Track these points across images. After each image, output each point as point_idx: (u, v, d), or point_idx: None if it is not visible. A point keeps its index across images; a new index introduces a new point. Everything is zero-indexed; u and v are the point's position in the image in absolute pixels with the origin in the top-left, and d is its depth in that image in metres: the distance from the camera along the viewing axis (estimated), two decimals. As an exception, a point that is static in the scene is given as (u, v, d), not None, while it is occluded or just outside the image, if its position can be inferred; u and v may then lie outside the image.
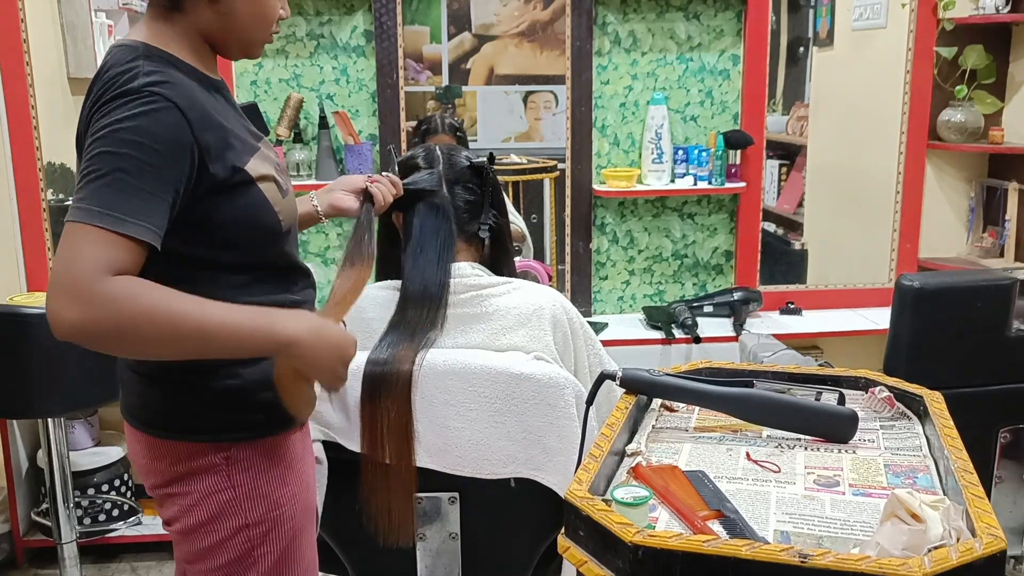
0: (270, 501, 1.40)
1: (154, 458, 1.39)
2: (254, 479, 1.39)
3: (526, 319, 1.66)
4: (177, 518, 1.40)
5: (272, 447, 1.41)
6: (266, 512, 1.40)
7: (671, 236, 3.30)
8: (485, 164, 1.76)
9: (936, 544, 1.00)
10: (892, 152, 3.29)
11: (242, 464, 1.38)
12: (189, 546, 1.41)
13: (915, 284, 2.14)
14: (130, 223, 1.17)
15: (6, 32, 2.80)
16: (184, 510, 1.39)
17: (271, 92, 3.10)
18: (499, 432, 1.57)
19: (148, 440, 1.39)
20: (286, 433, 1.43)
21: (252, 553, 1.40)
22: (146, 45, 1.31)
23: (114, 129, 1.20)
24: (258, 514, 1.39)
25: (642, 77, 3.18)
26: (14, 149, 2.86)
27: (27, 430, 2.94)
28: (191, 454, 1.36)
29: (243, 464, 1.38)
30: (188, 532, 1.40)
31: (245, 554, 1.40)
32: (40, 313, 2.31)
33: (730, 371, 1.59)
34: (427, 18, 3.16)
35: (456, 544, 1.65)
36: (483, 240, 1.77)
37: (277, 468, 1.41)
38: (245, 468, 1.38)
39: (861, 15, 3.50)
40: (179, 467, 1.37)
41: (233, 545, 1.39)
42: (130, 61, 1.26)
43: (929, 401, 1.44)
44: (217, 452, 1.37)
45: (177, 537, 1.43)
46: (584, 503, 1.11)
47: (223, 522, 1.38)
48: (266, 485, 1.40)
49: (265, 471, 1.40)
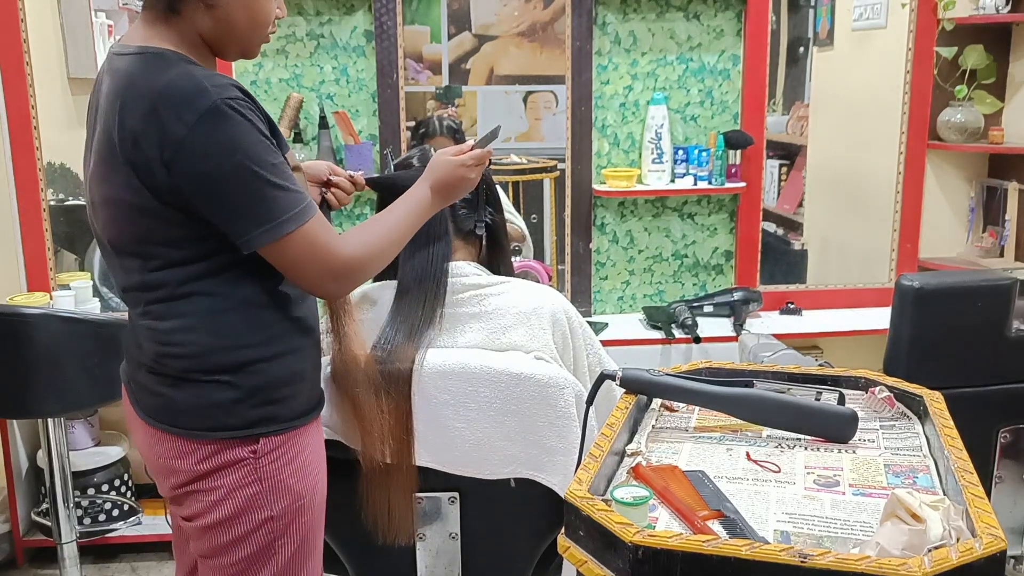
0: (294, 493, 1.44)
1: (179, 457, 1.41)
2: (279, 471, 1.42)
3: (525, 318, 1.66)
4: (201, 514, 1.42)
5: (296, 440, 1.45)
6: (290, 504, 1.43)
7: (671, 236, 3.30)
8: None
9: (936, 544, 1.00)
10: (892, 152, 3.28)
11: (269, 457, 1.42)
12: (210, 541, 1.44)
13: (915, 284, 2.14)
14: (311, 201, 1.38)
15: (6, 32, 2.80)
16: (209, 506, 1.41)
17: (271, 92, 3.10)
18: (499, 432, 1.57)
19: (172, 440, 1.41)
20: (306, 426, 1.47)
21: (273, 545, 1.43)
22: (175, 52, 1.35)
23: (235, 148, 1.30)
24: (282, 506, 1.43)
25: (642, 77, 3.18)
26: (14, 149, 2.86)
27: (27, 430, 2.94)
28: (219, 450, 1.40)
29: (270, 457, 1.42)
30: (212, 527, 1.42)
31: (266, 546, 1.43)
32: (40, 313, 2.32)
33: (730, 371, 1.59)
34: (427, 18, 3.16)
35: (456, 544, 1.65)
36: (480, 238, 1.77)
37: (299, 461, 1.45)
38: (271, 461, 1.42)
39: (861, 15, 3.50)
40: (206, 464, 1.40)
41: (256, 538, 1.42)
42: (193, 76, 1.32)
43: (929, 401, 1.44)
44: (245, 446, 1.40)
45: (198, 532, 1.45)
46: (584, 503, 1.11)
47: (249, 516, 1.41)
48: (290, 477, 1.43)
49: (289, 463, 1.43)
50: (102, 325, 2.28)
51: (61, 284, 2.94)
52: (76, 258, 3.20)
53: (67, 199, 3.13)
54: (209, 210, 1.31)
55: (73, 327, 2.27)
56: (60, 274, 3.01)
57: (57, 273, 3.00)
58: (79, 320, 2.29)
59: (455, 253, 1.72)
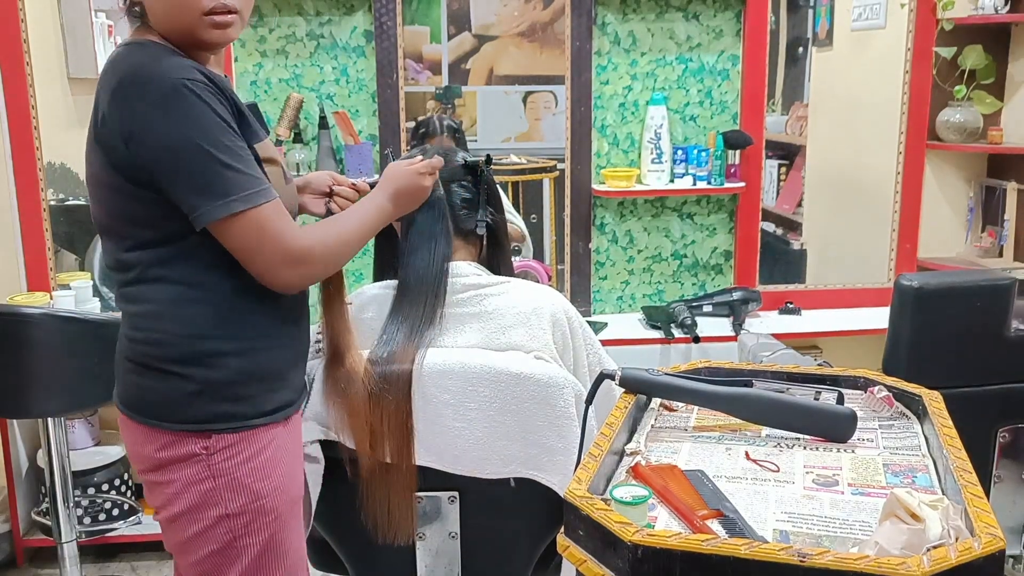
0: (251, 492, 1.43)
1: (141, 444, 1.44)
2: (234, 470, 1.42)
3: (525, 318, 1.66)
4: (163, 506, 1.45)
5: (253, 439, 1.44)
6: (247, 503, 1.43)
7: (670, 236, 3.30)
8: (480, 162, 1.77)
9: (935, 543, 1.00)
10: (891, 152, 3.29)
11: (222, 454, 1.41)
12: (174, 535, 1.46)
13: (914, 284, 2.14)
14: (270, 189, 1.37)
15: (6, 32, 2.80)
16: (169, 498, 1.43)
17: (271, 92, 3.10)
18: (499, 431, 1.58)
19: (136, 427, 1.44)
20: (268, 426, 1.45)
21: (235, 544, 1.43)
22: (154, 42, 1.39)
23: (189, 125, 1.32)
24: (238, 505, 1.42)
25: (641, 77, 3.18)
26: (14, 149, 2.87)
27: (27, 430, 2.95)
28: (173, 442, 1.41)
29: (223, 454, 1.41)
30: (172, 520, 1.45)
31: (228, 545, 1.43)
32: (40, 313, 2.32)
33: (729, 371, 1.59)
34: (427, 18, 3.16)
35: (456, 543, 1.66)
36: (480, 238, 1.77)
37: (258, 460, 1.44)
38: (226, 458, 1.42)
39: (860, 15, 3.50)
40: (163, 454, 1.41)
41: (216, 535, 1.43)
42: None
43: (928, 400, 1.44)
44: (198, 441, 1.41)
45: (164, 525, 1.48)
46: (583, 502, 1.12)
47: (205, 511, 1.42)
48: (247, 477, 1.43)
49: (245, 462, 1.43)
50: (102, 325, 2.28)
51: (61, 284, 2.95)
52: (76, 258, 3.20)
53: (67, 199, 3.13)
54: (164, 186, 1.34)
55: (73, 327, 2.27)
56: (60, 274, 3.02)
57: (57, 273, 3.00)
58: (79, 320, 2.29)
59: (455, 253, 1.72)
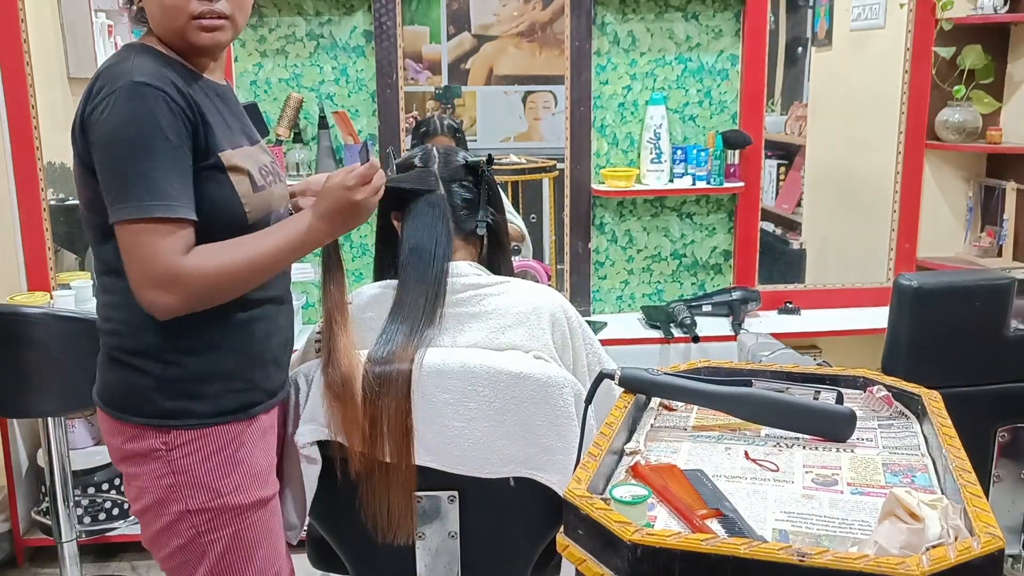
0: (211, 490, 1.45)
1: (111, 435, 1.47)
2: (194, 467, 1.44)
3: (525, 318, 1.67)
4: (135, 499, 1.48)
5: (213, 437, 1.45)
6: (207, 500, 1.45)
7: (670, 236, 3.30)
8: (480, 162, 1.77)
9: (934, 543, 1.00)
10: (890, 152, 3.29)
11: (182, 451, 1.43)
12: (145, 529, 1.50)
13: (913, 283, 2.14)
14: (176, 206, 1.32)
15: (6, 32, 2.80)
16: (138, 491, 1.46)
17: (271, 92, 3.10)
18: (498, 431, 1.58)
19: (104, 417, 1.47)
20: (230, 424, 1.47)
21: (199, 540, 1.46)
22: (145, 45, 1.42)
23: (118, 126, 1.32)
24: (199, 502, 1.44)
25: (641, 77, 3.18)
26: (14, 149, 2.87)
27: (27, 430, 2.95)
28: (136, 435, 1.43)
29: (183, 451, 1.43)
30: (141, 514, 1.48)
31: (192, 540, 1.46)
32: (40, 313, 2.32)
33: (728, 370, 1.59)
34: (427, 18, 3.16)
35: (455, 543, 1.66)
36: (481, 238, 1.77)
37: (218, 458, 1.45)
38: (185, 455, 1.43)
39: (859, 15, 3.51)
40: (128, 446, 1.44)
41: (180, 530, 1.45)
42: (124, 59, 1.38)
43: (927, 400, 1.44)
44: (158, 436, 1.43)
45: (137, 519, 1.51)
46: (583, 502, 1.12)
47: (167, 507, 1.45)
48: (206, 475, 1.44)
49: (204, 460, 1.44)
50: (102, 325, 2.28)
51: (61, 284, 2.95)
52: (76, 258, 3.20)
53: (67, 199, 3.13)
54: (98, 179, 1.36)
55: (73, 327, 2.27)
56: (60, 274, 3.02)
57: (57, 273, 3.00)
58: (79, 320, 2.28)
59: (455, 253, 1.72)
